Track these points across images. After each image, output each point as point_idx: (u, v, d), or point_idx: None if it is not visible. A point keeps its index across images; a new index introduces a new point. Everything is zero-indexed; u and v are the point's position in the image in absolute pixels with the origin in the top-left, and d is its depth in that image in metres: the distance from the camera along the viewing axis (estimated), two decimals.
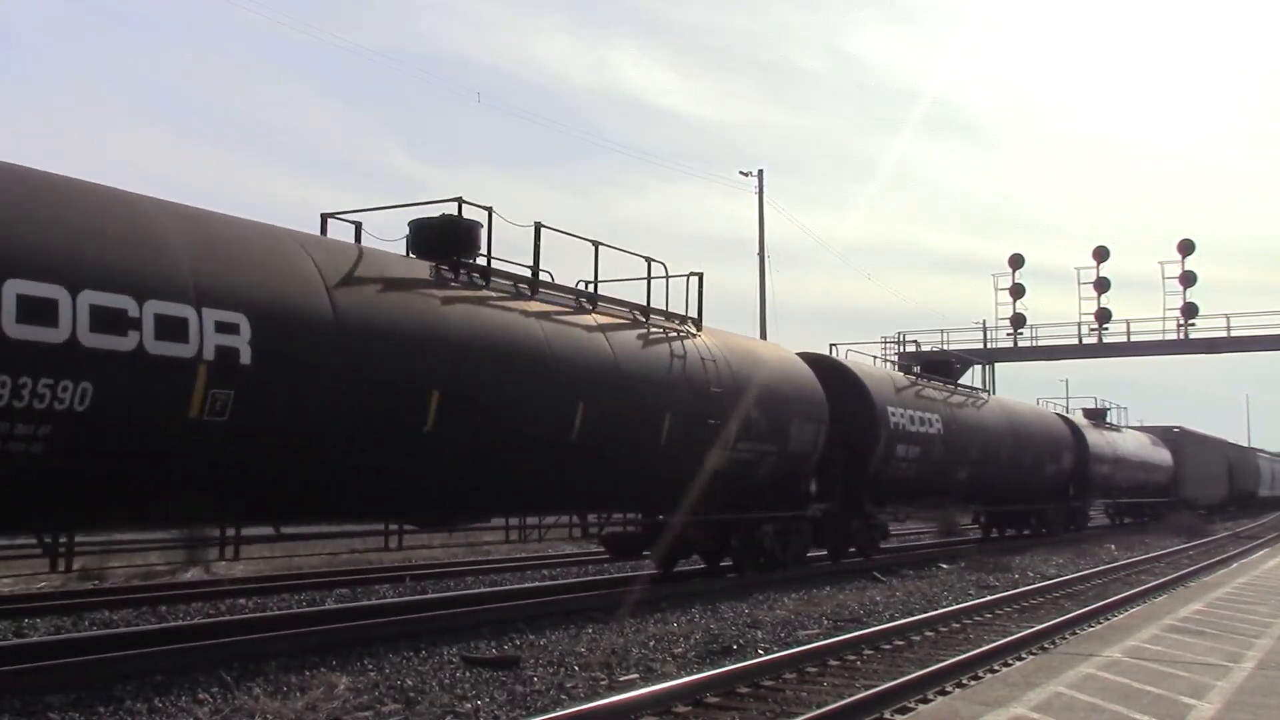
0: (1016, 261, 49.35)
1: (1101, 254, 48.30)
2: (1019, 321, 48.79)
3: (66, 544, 12.58)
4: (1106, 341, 47.85)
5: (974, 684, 8.62)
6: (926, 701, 8.37)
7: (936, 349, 25.66)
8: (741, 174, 41.38)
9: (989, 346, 48.93)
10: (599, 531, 15.95)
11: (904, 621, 12.42)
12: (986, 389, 30.90)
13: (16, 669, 8.41)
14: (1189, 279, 46.46)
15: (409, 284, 11.11)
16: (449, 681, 8.73)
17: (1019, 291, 48.95)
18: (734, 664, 9.53)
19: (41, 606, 12.60)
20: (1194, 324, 46.27)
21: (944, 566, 20.54)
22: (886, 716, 8.05)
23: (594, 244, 13.98)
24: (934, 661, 10.04)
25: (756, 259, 40.02)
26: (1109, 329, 47.62)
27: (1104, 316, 47.48)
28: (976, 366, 49.38)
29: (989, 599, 14.98)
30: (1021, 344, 49.03)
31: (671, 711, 7.98)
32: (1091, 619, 13.38)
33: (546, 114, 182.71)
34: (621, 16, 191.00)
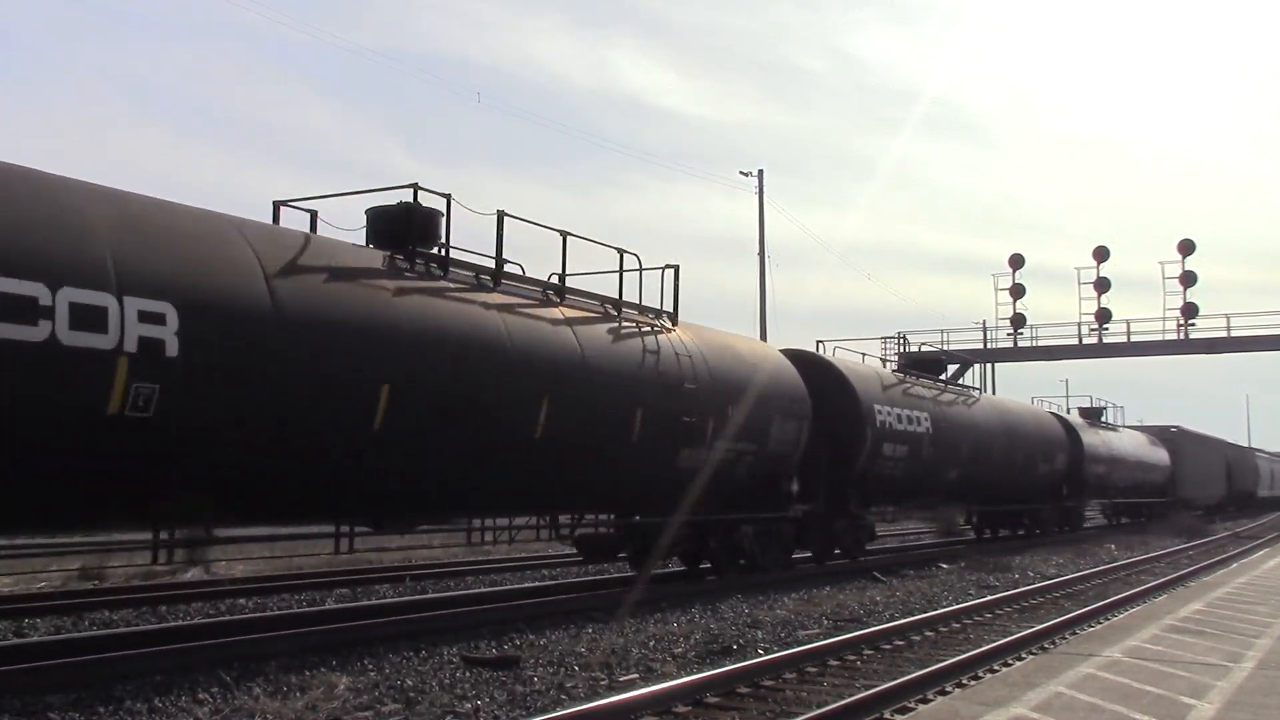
0: (1016, 261, 49.34)
1: (1101, 254, 48.27)
2: (1019, 321, 48.77)
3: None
4: (1106, 341, 47.81)
5: (974, 684, 8.61)
6: (926, 701, 8.37)
7: (936, 349, 25.19)
8: (741, 174, 41.46)
9: (989, 346, 48.93)
10: (570, 533, 15.37)
11: (904, 621, 12.42)
12: (978, 387, 30.25)
13: (16, 669, 8.41)
14: (1189, 279, 46.43)
15: (358, 273, 10.59)
16: (449, 681, 8.73)
17: (1019, 291, 48.93)
18: (734, 664, 9.52)
19: (41, 606, 12.60)
20: (1194, 324, 46.25)
21: (944, 566, 20.54)
22: (886, 716, 8.05)
23: (561, 234, 13.41)
24: (934, 661, 10.04)
25: (756, 259, 40.11)
26: (1109, 329, 47.58)
27: (1104, 316, 47.46)
28: (976, 366, 49.65)
29: (989, 599, 14.98)
30: (1021, 344, 49.00)
31: (671, 711, 7.97)
32: (1091, 619, 13.38)
33: (546, 114, 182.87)
34: (621, 16, 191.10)
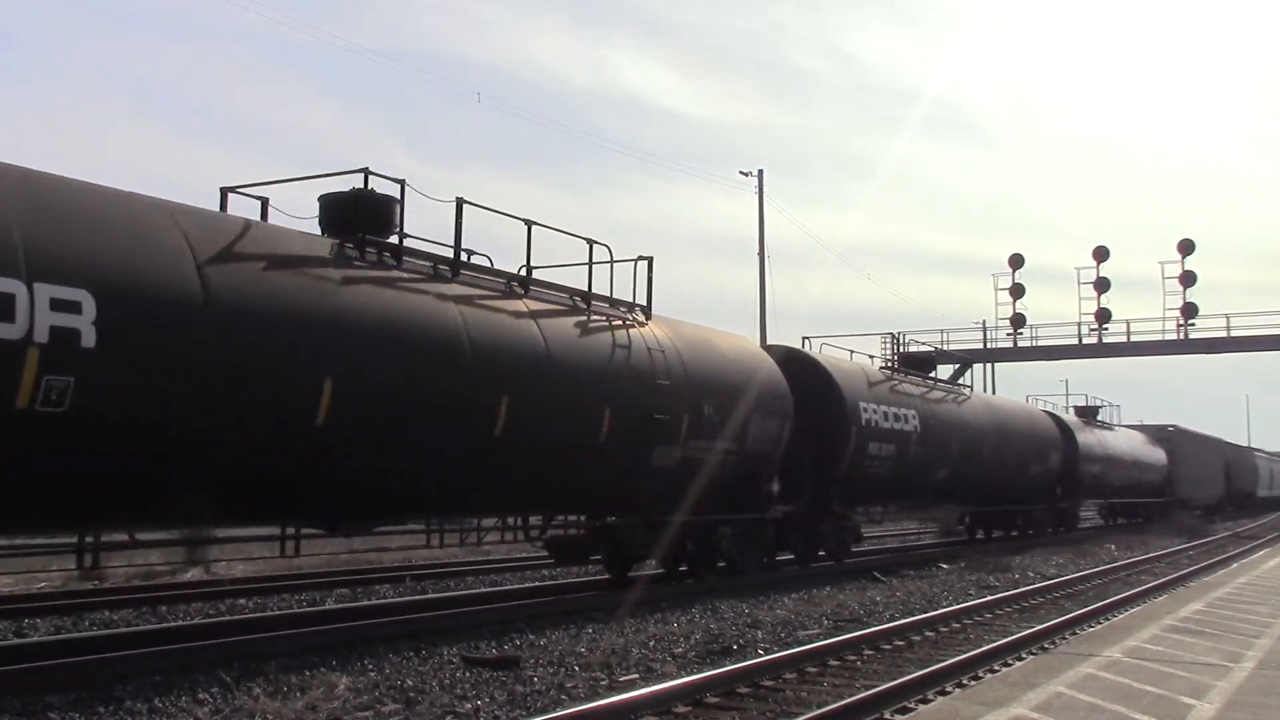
0: (1016, 261, 49.34)
1: (1101, 254, 48.27)
2: (1019, 321, 48.77)
3: None
4: (1106, 341, 47.80)
5: (974, 684, 8.61)
6: (926, 701, 8.37)
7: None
8: (741, 174, 41.43)
9: (989, 346, 48.94)
10: (539, 535, 14.84)
11: (904, 621, 12.42)
12: (969, 385, 29.70)
13: (16, 669, 8.41)
14: (1189, 279, 46.43)
15: (302, 262, 10.04)
16: (449, 681, 8.73)
17: (1019, 291, 48.93)
18: (734, 664, 9.52)
19: (41, 606, 12.60)
20: (1194, 324, 46.25)
21: (944, 566, 20.53)
22: (886, 716, 8.05)
23: (526, 223, 12.87)
24: (934, 661, 10.04)
25: (756, 259, 40.10)
26: (1109, 329, 47.58)
27: (1104, 316, 47.45)
28: (977, 366, 49.65)
29: (989, 599, 14.98)
30: (1021, 344, 48.99)
31: (671, 711, 7.97)
32: (1091, 619, 13.37)
33: (546, 114, 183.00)
34: (621, 16, 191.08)
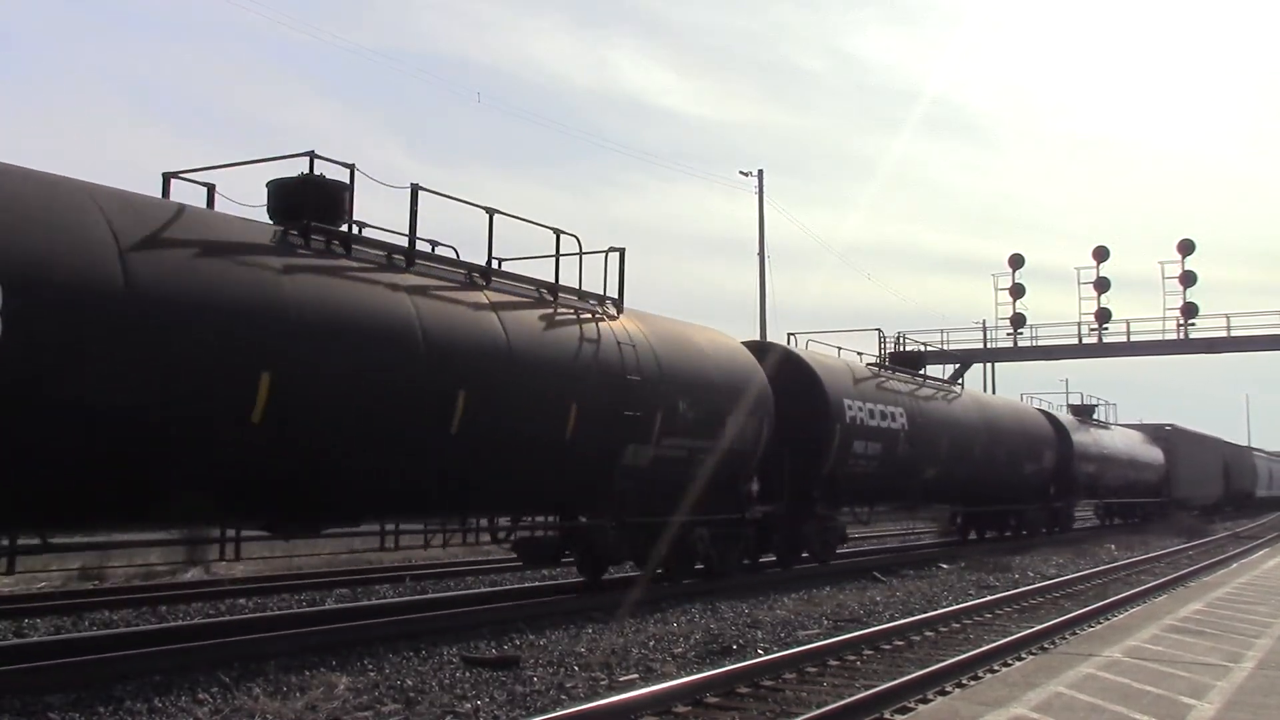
0: (1016, 261, 49.37)
1: (1101, 254, 48.28)
2: (1019, 321, 48.79)
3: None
4: (1106, 341, 47.81)
5: (974, 684, 8.61)
6: (926, 701, 8.37)
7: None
8: (741, 174, 41.44)
9: (989, 346, 48.97)
10: (506, 537, 14.32)
11: (904, 621, 12.42)
12: (960, 382, 28.96)
13: (16, 669, 8.41)
14: (1189, 279, 46.43)
15: (239, 249, 9.52)
16: (449, 681, 8.73)
17: (1019, 291, 48.95)
18: (734, 664, 9.52)
19: (41, 606, 12.60)
20: (1194, 324, 46.25)
21: (944, 566, 20.53)
22: (886, 716, 8.05)
23: (487, 211, 12.39)
24: (934, 661, 10.04)
25: (756, 259, 40.11)
26: (1109, 329, 47.61)
27: (1104, 316, 47.46)
28: (977, 366, 49.68)
29: (989, 599, 14.98)
30: (1021, 344, 49.01)
31: (671, 711, 7.97)
32: (1091, 619, 13.38)
33: (546, 114, 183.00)
34: (621, 16, 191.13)
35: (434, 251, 11.86)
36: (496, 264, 12.75)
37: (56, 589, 14.45)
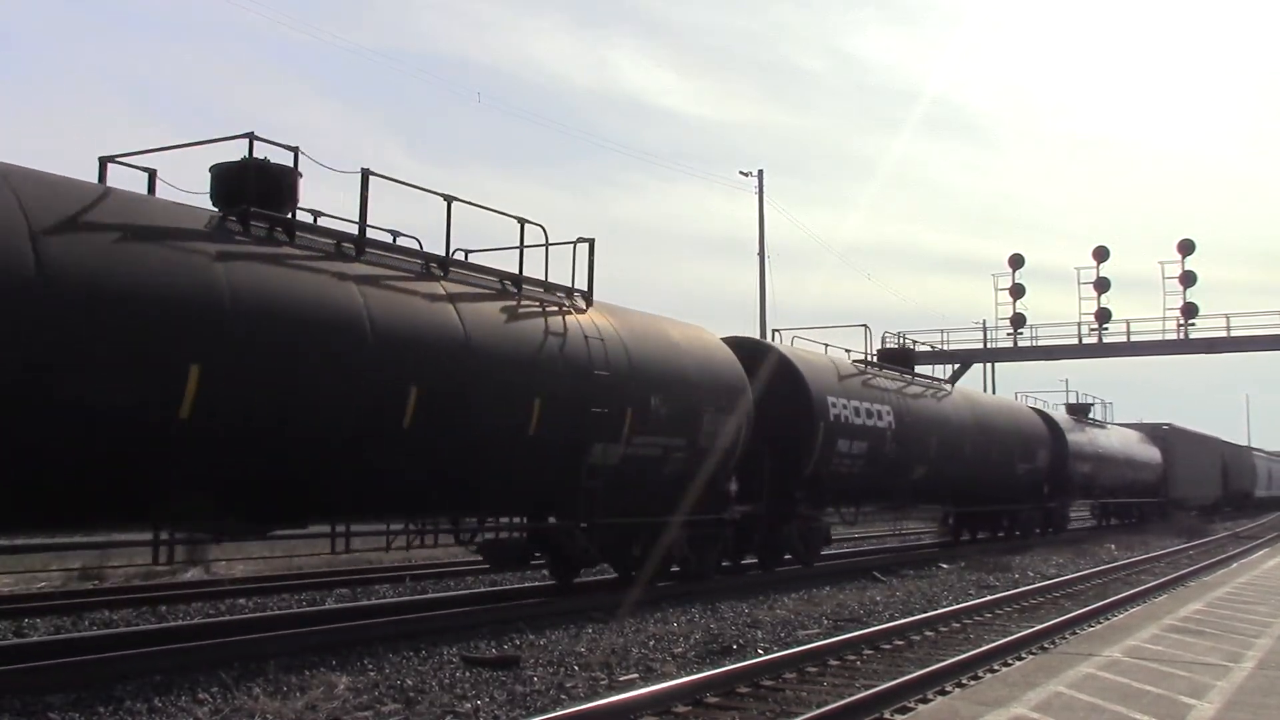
0: (1016, 261, 49.37)
1: (1101, 254, 48.29)
2: (1019, 321, 48.79)
3: None
4: (1106, 341, 47.81)
5: (974, 684, 8.62)
6: (926, 701, 8.38)
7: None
8: (741, 174, 41.49)
9: (989, 346, 48.99)
10: (471, 538, 13.81)
11: (904, 621, 12.43)
12: (950, 380, 28.37)
13: (16, 669, 8.41)
14: (1189, 279, 46.44)
15: (170, 234, 8.95)
16: (449, 681, 8.73)
17: (1019, 291, 48.95)
18: (734, 664, 9.53)
19: (41, 606, 12.61)
20: (1194, 324, 46.24)
21: (944, 566, 20.54)
22: (886, 716, 8.06)
23: (445, 199, 11.88)
24: (934, 661, 10.05)
25: (756, 259, 40.14)
26: (1109, 329, 47.61)
27: (1104, 316, 47.46)
28: (977, 366, 49.70)
29: (989, 599, 14.99)
30: (1021, 344, 49.00)
31: (671, 711, 7.98)
32: (1091, 619, 13.39)
33: (546, 114, 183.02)
34: (621, 16, 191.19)
35: (395, 242, 11.41)
36: (463, 255, 12.36)
37: (56, 589, 14.45)
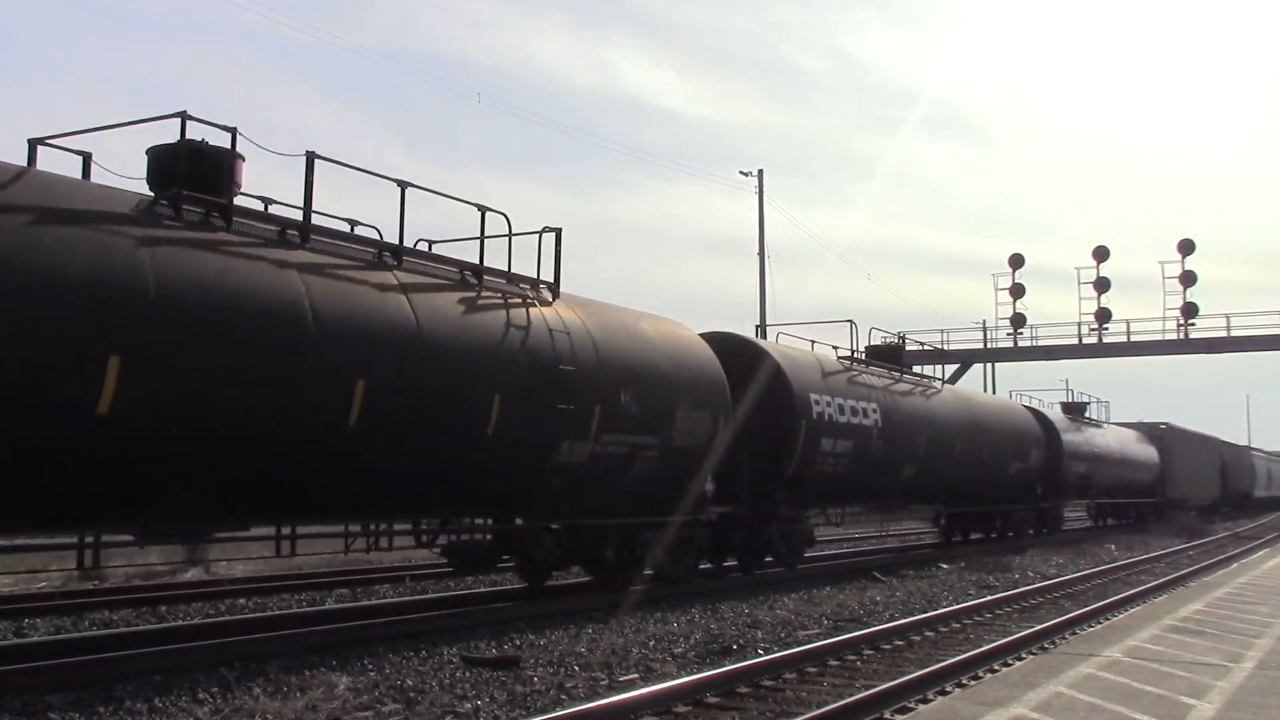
0: (1016, 261, 49.43)
1: (1101, 254, 48.35)
2: (1019, 321, 48.84)
3: None
4: (1106, 341, 47.87)
5: (974, 684, 8.62)
6: (926, 701, 8.38)
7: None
8: (741, 174, 41.50)
9: (989, 346, 49.02)
10: (432, 540, 13.31)
11: (904, 621, 12.43)
12: (940, 378, 27.82)
13: (16, 669, 8.41)
14: (1189, 279, 46.50)
15: (91, 218, 8.47)
16: (449, 681, 8.73)
17: (1019, 291, 49.02)
18: (734, 664, 9.53)
19: (41, 606, 12.61)
20: (1194, 324, 46.32)
21: (944, 566, 20.53)
22: (886, 716, 8.06)
23: (399, 184, 11.41)
24: (934, 661, 10.05)
25: (756, 259, 40.15)
26: (1109, 329, 47.66)
27: (1104, 316, 47.52)
28: (977, 366, 49.72)
29: (989, 599, 14.99)
30: (1021, 344, 49.07)
31: (671, 711, 7.98)
32: (1091, 619, 13.38)
33: (546, 114, 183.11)
34: (621, 16, 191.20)
35: (353, 231, 10.98)
36: (427, 246, 12.03)
37: (56, 589, 14.44)
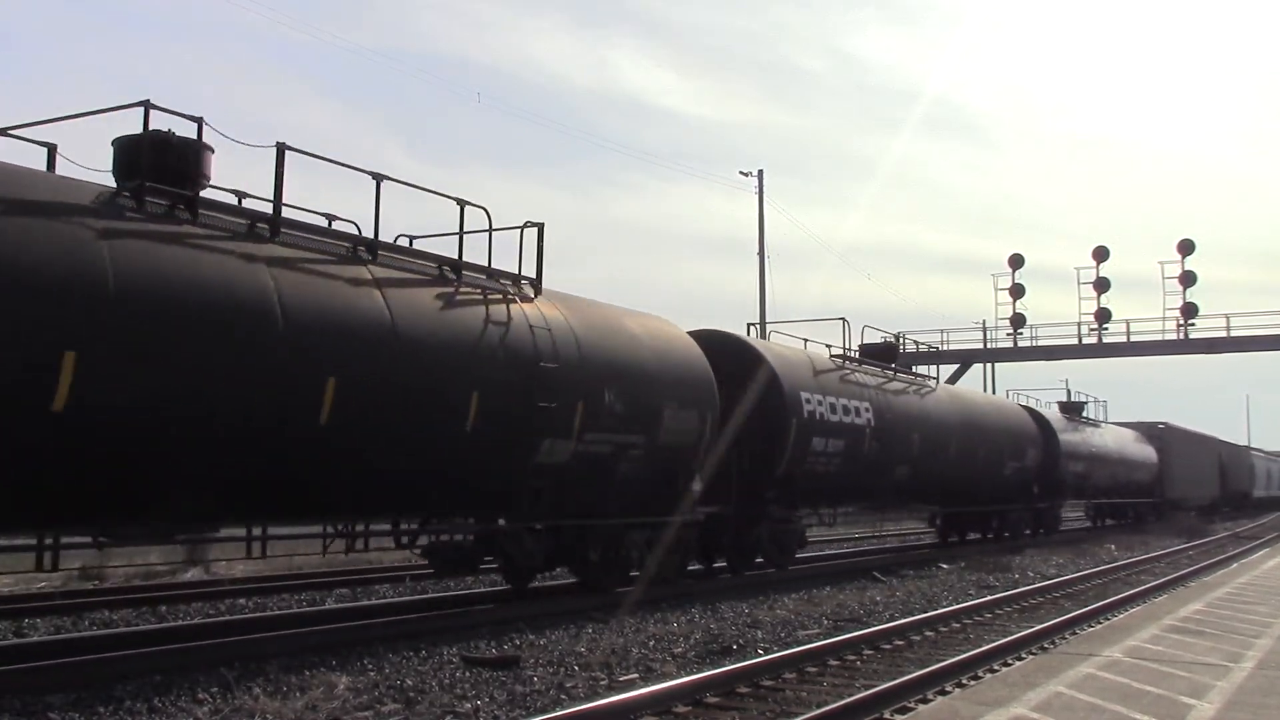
0: (1016, 261, 49.48)
1: (1101, 254, 48.40)
2: (1019, 321, 48.90)
3: None
4: (1106, 341, 47.93)
5: (974, 684, 8.62)
6: (926, 701, 8.37)
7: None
8: (741, 174, 41.65)
9: (989, 346, 49.06)
10: (411, 542, 13.12)
11: (904, 621, 12.43)
12: (935, 378, 27.54)
13: (16, 669, 8.41)
14: (1189, 279, 46.56)
15: (46, 209, 8.22)
16: (449, 681, 8.73)
17: (1019, 291, 49.07)
18: (734, 664, 9.53)
19: (41, 606, 12.61)
20: (1194, 324, 46.39)
21: (944, 566, 20.53)
22: (886, 716, 8.06)
23: (375, 177, 11.14)
24: (934, 661, 10.05)
25: (756, 259, 40.20)
26: (1109, 329, 47.71)
27: (1104, 316, 47.57)
28: (977, 366, 49.75)
29: (989, 599, 14.99)
30: (1021, 344, 49.14)
31: (671, 711, 7.98)
32: (1091, 619, 13.38)
33: (546, 114, 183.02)
34: (621, 16, 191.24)
35: (330, 226, 10.79)
36: (408, 241, 11.89)
37: (56, 589, 14.44)
